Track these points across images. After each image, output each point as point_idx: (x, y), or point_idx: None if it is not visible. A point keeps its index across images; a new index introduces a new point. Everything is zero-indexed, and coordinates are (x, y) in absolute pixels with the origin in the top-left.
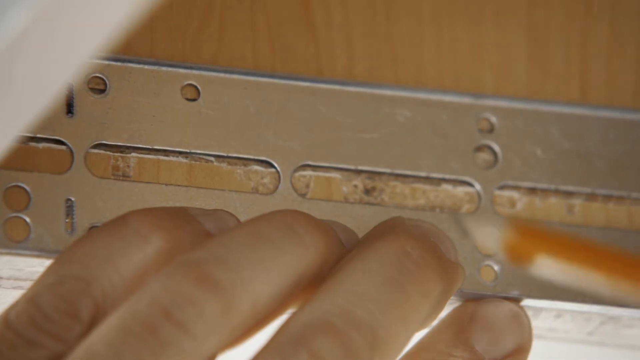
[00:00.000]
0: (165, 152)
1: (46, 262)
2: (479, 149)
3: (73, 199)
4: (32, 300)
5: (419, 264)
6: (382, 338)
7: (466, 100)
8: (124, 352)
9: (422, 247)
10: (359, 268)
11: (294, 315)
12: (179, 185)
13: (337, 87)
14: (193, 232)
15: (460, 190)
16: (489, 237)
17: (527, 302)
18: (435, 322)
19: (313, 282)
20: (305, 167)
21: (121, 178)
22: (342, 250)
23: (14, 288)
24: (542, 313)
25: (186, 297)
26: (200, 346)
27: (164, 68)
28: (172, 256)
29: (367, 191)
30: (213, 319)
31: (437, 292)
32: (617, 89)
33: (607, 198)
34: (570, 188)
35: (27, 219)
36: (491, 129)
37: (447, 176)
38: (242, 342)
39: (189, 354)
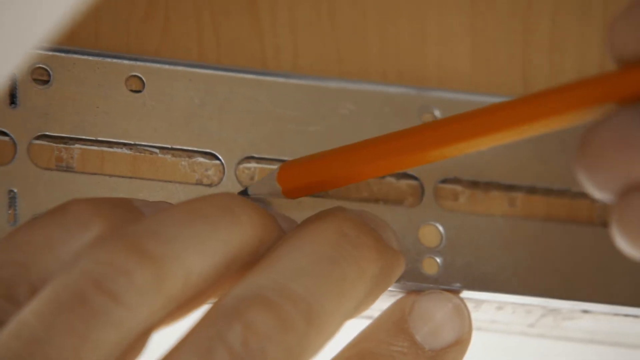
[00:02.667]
0: (109, 144)
1: None
2: None
3: (15, 190)
4: None
5: (355, 244)
6: (318, 312)
7: (410, 93)
8: (54, 323)
9: (360, 228)
10: (296, 245)
11: (229, 290)
12: (122, 177)
13: (281, 79)
14: (134, 220)
15: (404, 182)
16: (269, 187)
17: (468, 294)
18: (377, 314)
19: (250, 263)
20: (249, 159)
21: (65, 169)
22: (280, 234)
23: None
24: (483, 305)
25: (117, 267)
26: (132, 316)
27: (108, 59)
28: None
29: None
30: (145, 289)
31: (373, 273)
32: (558, 82)
33: (548, 191)
34: (512, 181)
35: None
36: None
37: None
38: (177, 318)
39: (121, 323)
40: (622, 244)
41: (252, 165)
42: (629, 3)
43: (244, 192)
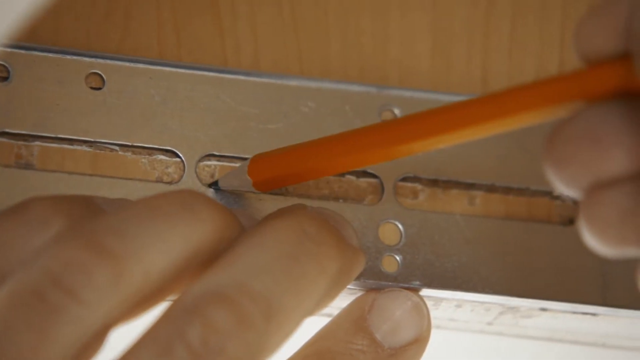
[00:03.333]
0: (70, 141)
1: None
2: None
3: None
4: None
5: (316, 242)
6: (277, 310)
7: (370, 91)
8: (12, 320)
9: (321, 226)
10: (256, 243)
11: (188, 287)
12: (83, 174)
13: (242, 77)
14: (94, 218)
15: (364, 180)
16: (240, 179)
17: (427, 292)
18: (336, 312)
19: (210, 259)
20: (210, 156)
21: (24, 167)
22: (241, 231)
23: None
24: (442, 303)
25: (75, 263)
26: (91, 313)
27: (68, 56)
28: None
29: None
30: (103, 286)
31: (333, 270)
32: (518, 82)
33: (507, 190)
34: (472, 180)
35: None
36: None
37: None
38: (137, 315)
39: (80, 320)
40: (590, 240)
41: (213, 163)
42: (596, 3)
43: (214, 184)
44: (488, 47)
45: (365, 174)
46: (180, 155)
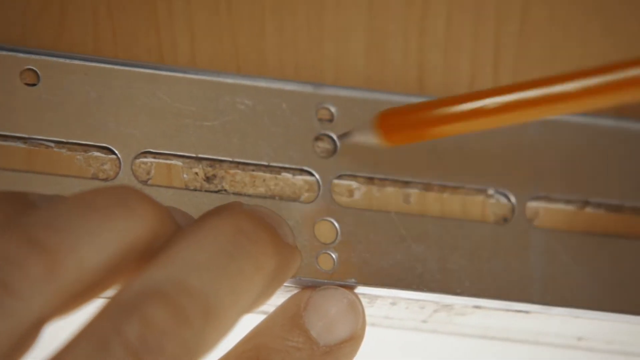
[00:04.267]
0: (4, 137)
1: None
2: (319, 138)
3: None
4: None
5: (252, 240)
6: (214, 307)
7: (306, 89)
8: None
9: (257, 224)
10: (193, 241)
11: (125, 285)
12: (17, 171)
13: (178, 74)
14: (28, 212)
15: (300, 178)
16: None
17: (363, 290)
18: (272, 309)
19: (146, 255)
20: (146, 153)
21: None
22: (176, 228)
23: None
24: (377, 301)
25: (9, 257)
26: (25, 307)
27: (2, 52)
28: None
29: (208, 179)
30: (37, 279)
31: (270, 268)
32: (453, 80)
33: (443, 188)
34: (407, 178)
35: None
36: (331, 119)
37: (287, 165)
38: (72, 309)
39: (13, 314)
40: None
41: (149, 160)
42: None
43: (343, 136)
44: (423, 46)
45: (301, 171)
46: (116, 152)
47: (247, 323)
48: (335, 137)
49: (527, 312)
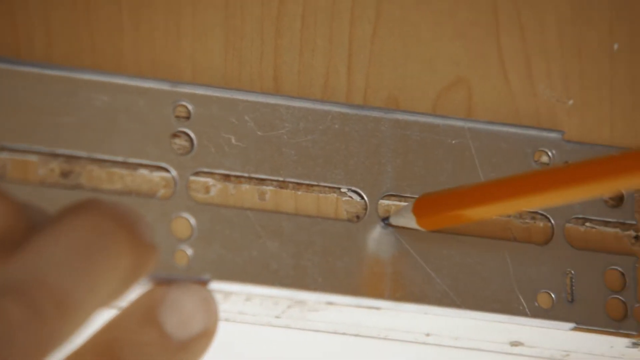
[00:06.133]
0: None
1: None
2: (175, 135)
3: None
4: None
5: (109, 236)
6: (69, 303)
7: (163, 87)
8: None
9: (114, 221)
10: (49, 237)
11: None
12: None
13: (35, 70)
14: None
15: (157, 175)
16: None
17: (217, 286)
18: (127, 303)
19: None
20: (1, 149)
21: None
22: (29, 224)
23: None
24: (232, 296)
25: None
26: None
27: None
28: None
29: (64, 175)
30: None
31: (126, 265)
32: (308, 80)
33: (297, 185)
34: (263, 175)
35: None
36: (188, 116)
37: (144, 161)
38: None
39: None
40: None
41: (4, 155)
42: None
43: (385, 220)
44: (279, 46)
45: (158, 168)
46: None
47: (104, 317)
48: (192, 133)
49: (378, 308)
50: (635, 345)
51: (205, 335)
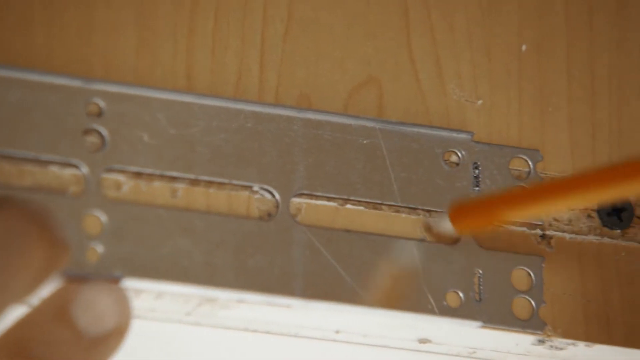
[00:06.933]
0: None
1: None
2: (87, 132)
3: None
4: None
5: (19, 234)
6: None
7: (75, 83)
8: None
9: (25, 219)
10: None
11: None
12: None
13: None
14: None
15: (68, 172)
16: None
17: (129, 283)
18: (38, 301)
19: None
20: None
21: None
22: None
23: None
24: (142, 294)
25: None
26: None
27: None
28: None
29: None
30: None
31: (38, 263)
32: (221, 78)
33: (209, 183)
34: (175, 173)
35: None
36: (100, 113)
37: (55, 158)
38: None
39: None
40: None
41: None
42: None
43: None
44: (192, 45)
45: (69, 165)
46: None
47: (14, 315)
48: (103, 131)
49: (288, 306)
50: (540, 342)
51: (118, 332)
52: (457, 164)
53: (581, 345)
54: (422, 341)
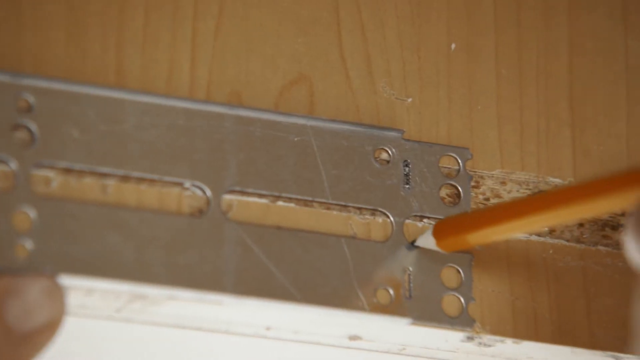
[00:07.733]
0: None
1: None
2: (17, 127)
3: None
4: None
5: None
6: None
7: (4, 79)
8: None
9: None
10: None
11: None
12: None
13: None
14: None
15: None
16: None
17: (60, 280)
18: None
19: None
20: None
21: None
22: None
23: None
24: (72, 290)
25: None
26: None
27: None
28: None
29: None
30: None
31: None
32: (152, 74)
33: (140, 180)
34: (105, 169)
35: None
36: (29, 109)
37: None
38: None
39: None
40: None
41: None
42: None
43: (413, 242)
44: (121, 40)
45: None
46: None
47: None
48: (33, 126)
49: (219, 303)
50: (469, 339)
51: (49, 327)
52: (388, 162)
53: (509, 342)
54: (353, 338)
